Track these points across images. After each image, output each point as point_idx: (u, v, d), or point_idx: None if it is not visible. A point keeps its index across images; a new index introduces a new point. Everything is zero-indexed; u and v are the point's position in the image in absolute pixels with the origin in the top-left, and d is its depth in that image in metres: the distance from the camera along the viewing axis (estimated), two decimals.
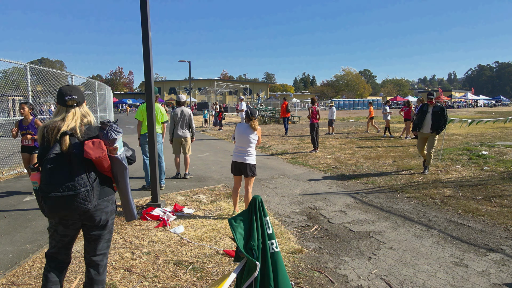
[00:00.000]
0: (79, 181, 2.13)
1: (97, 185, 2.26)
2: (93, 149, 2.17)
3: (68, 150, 2.18)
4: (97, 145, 2.19)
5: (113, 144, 2.24)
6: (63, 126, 2.24)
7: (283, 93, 70.11)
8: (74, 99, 2.32)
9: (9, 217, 5.09)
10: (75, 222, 2.31)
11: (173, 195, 6.16)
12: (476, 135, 14.30)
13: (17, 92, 10.45)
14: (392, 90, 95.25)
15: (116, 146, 2.26)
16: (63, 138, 2.19)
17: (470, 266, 3.51)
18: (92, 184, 2.20)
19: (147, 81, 5.13)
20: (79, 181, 2.13)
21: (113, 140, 2.23)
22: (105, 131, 2.24)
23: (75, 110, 2.33)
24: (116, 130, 2.26)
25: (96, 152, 2.17)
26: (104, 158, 2.21)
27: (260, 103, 38.00)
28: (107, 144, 2.24)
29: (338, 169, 8.37)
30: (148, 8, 4.95)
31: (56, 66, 79.31)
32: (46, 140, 2.25)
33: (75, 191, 2.11)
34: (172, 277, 3.29)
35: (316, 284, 3.20)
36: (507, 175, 7.05)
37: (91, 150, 2.16)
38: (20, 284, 3.19)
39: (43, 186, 2.14)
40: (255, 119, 4.78)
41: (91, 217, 2.30)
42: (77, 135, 2.25)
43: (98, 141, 2.21)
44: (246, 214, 2.47)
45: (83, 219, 2.30)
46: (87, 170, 2.19)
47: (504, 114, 29.83)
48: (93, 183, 2.21)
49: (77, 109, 2.35)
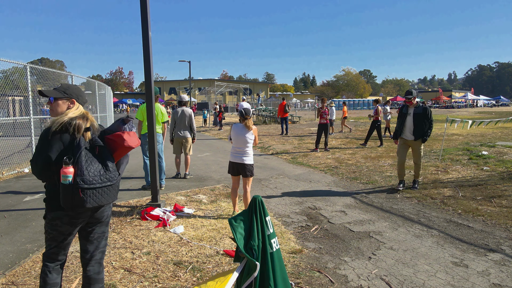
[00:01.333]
0: (114, 172, 2.29)
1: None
2: (131, 139, 2.38)
3: (93, 144, 2.29)
4: (133, 135, 2.41)
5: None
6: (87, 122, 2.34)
7: (283, 93, 70.09)
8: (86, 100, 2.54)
9: (9, 217, 5.09)
10: (85, 219, 2.33)
11: (173, 195, 6.16)
12: (476, 135, 14.30)
13: (17, 92, 10.45)
14: (392, 90, 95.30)
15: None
16: (86, 134, 2.30)
17: (470, 266, 3.51)
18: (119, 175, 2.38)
19: (147, 81, 5.13)
20: (114, 172, 2.29)
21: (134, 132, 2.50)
22: (128, 124, 2.46)
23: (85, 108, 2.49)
24: (133, 124, 2.54)
25: (134, 141, 2.38)
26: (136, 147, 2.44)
27: (260, 103, 38.01)
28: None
29: (338, 169, 8.37)
30: (148, 8, 4.95)
31: (56, 66, 79.32)
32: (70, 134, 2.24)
33: (112, 181, 2.26)
34: (172, 277, 3.29)
35: (316, 284, 3.20)
36: (507, 175, 7.05)
37: (130, 140, 2.36)
38: (20, 284, 3.19)
39: (82, 178, 2.12)
40: (249, 118, 4.75)
41: (102, 212, 2.38)
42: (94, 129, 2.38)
43: (132, 132, 2.43)
44: (246, 214, 2.47)
45: (92, 215, 2.35)
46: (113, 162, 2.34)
47: (504, 114, 29.83)
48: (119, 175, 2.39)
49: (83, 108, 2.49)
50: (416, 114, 6.11)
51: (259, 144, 13.22)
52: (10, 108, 13.17)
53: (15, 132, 9.75)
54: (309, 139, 14.54)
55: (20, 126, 9.36)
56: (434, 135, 14.69)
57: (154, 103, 5.34)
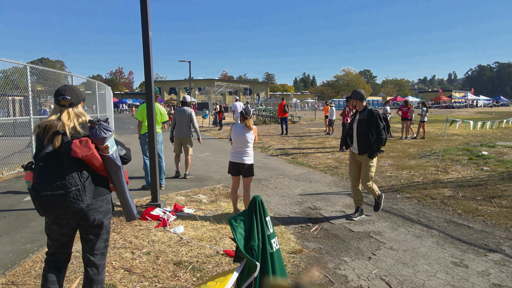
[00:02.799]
0: (69, 180, 2.13)
1: (90, 184, 2.24)
2: (80, 147, 2.15)
3: (60, 149, 2.19)
4: (84, 143, 2.17)
5: (103, 142, 2.22)
6: (58, 125, 2.24)
7: (283, 93, 70.09)
8: (67, 100, 2.30)
9: (9, 217, 5.09)
10: (70, 222, 2.31)
11: (173, 195, 6.16)
12: (476, 135, 14.30)
13: (17, 92, 10.44)
14: (392, 91, 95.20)
15: (107, 145, 2.24)
16: (56, 137, 2.20)
17: (470, 266, 3.51)
18: (84, 183, 2.19)
19: (147, 81, 5.13)
20: (69, 180, 2.13)
21: (103, 138, 2.21)
22: (94, 129, 2.22)
23: (68, 110, 2.32)
24: (106, 129, 2.23)
25: (82, 150, 2.15)
26: (92, 156, 2.19)
27: (260, 103, 38.01)
28: (97, 142, 2.22)
29: (338, 169, 8.37)
30: (148, 8, 4.95)
31: (56, 66, 79.29)
32: (40, 139, 2.26)
33: (66, 190, 2.11)
34: (172, 277, 3.29)
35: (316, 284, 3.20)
36: (507, 176, 7.05)
37: (77, 148, 2.15)
38: (20, 284, 3.19)
39: (35, 185, 2.15)
40: (250, 118, 4.77)
41: (85, 216, 2.29)
42: (71, 134, 2.24)
43: (85, 139, 2.19)
44: (246, 214, 2.47)
45: (77, 218, 2.30)
46: (79, 169, 2.19)
47: (504, 114, 29.83)
48: (84, 182, 2.19)
49: (71, 109, 2.33)
50: (360, 121, 4.78)
51: (259, 144, 13.23)
52: (10, 108, 13.17)
53: (15, 132, 9.73)
54: (309, 139, 14.54)
55: (20, 126, 9.34)
56: (434, 135, 14.69)
57: (154, 103, 5.34)
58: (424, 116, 14.17)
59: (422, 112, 14.28)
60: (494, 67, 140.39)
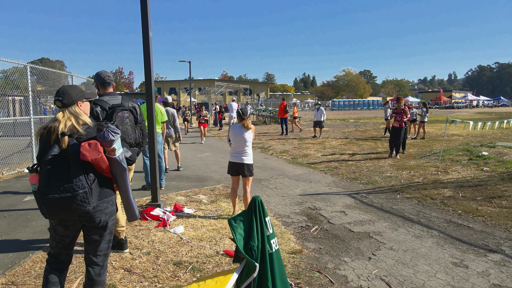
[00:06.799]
0: (77, 183, 2.12)
1: (96, 187, 2.23)
2: (89, 151, 2.14)
3: (67, 151, 2.17)
4: (93, 146, 2.15)
5: (110, 145, 2.21)
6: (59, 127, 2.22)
7: (283, 93, 70.08)
8: (59, 101, 2.29)
9: (9, 217, 5.09)
10: (75, 223, 2.31)
11: (173, 195, 6.16)
12: (476, 135, 14.30)
13: (17, 92, 10.45)
14: (392, 91, 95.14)
15: (114, 147, 2.23)
16: (62, 139, 2.18)
17: (470, 266, 3.51)
18: (91, 185, 2.18)
19: (147, 81, 5.13)
20: (77, 183, 2.12)
21: (111, 141, 2.19)
22: (102, 132, 2.19)
23: (64, 110, 2.31)
24: (114, 131, 2.21)
25: (92, 154, 2.14)
26: (101, 160, 2.18)
27: (260, 103, 38.02)
28: (105, 145, 2.20)
29: (338, 170, 8.37)
30: (148, 8, 4.95)
31: (56, 66, 79.22)
32: (44, 141, 2.25)
33: (73, 193, 2.10)
34: (172, 277, 3.29)
35: (316, 284, 3.20)
36: (507, 176, 7.04)
37: (87, 152, 2.13)
38: (20, 284, 3.19)
39: (41, 188, 2.14)
40: (247, 118, 4.85)
41: (91, 218, 2.28)
42: (76, 136, 2.23)
43: (94, 142, 2.17)
44: (246, 215, 2.47)
45: (82, 220, 2.29)
46: (85, 171, 2.17)
47: (504, 114, 29.84)
48: (91, 184, 2.18)
49: (66, 110, 2.31)
50: None
51: (259, 144, 13.23)
52: (10, 108, 13.18)
53: (15, 132, 9.74)
54: (309, 139, 14.54)
55: (20, 126, 9.34)
56: (434, 136, 14.69)
57: (154, 103, 5.34)
58: (424, 116, 14.23)
59: (422, 113, 14.33)
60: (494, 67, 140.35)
